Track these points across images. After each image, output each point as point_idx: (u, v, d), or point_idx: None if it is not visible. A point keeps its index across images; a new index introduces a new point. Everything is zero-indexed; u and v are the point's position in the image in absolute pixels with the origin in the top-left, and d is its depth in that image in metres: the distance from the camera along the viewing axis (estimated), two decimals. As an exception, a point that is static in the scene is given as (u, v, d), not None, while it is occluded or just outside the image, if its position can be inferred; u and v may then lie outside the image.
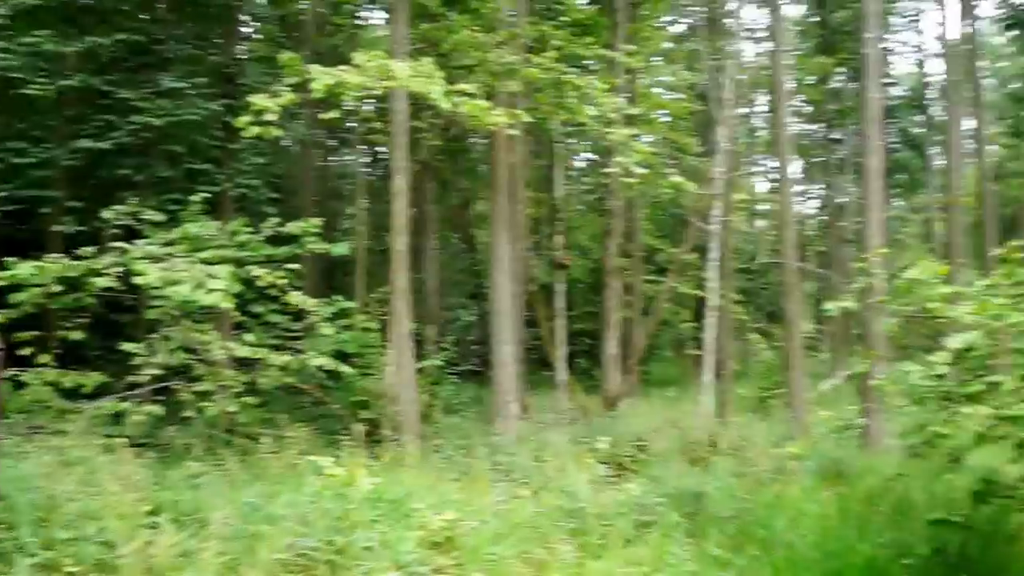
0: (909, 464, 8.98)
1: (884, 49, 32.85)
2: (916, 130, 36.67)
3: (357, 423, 11.74)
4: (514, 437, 13.20)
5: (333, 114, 12.37)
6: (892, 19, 34.94)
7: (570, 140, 24.00)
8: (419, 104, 13.74)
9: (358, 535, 7.24)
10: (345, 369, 12.58)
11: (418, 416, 13.20)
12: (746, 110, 31.33)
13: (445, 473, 10.58)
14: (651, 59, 22.56)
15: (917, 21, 35.38)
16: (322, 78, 10.74)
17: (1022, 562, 7.89)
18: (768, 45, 23.96)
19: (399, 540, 7.27)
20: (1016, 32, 37.05)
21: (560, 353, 18.47)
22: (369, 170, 25.18)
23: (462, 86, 11.27)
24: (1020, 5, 34.80)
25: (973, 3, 26.52)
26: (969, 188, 29.08)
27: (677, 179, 16.28)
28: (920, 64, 35.62)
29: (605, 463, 11.04)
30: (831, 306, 8.64)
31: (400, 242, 13.30)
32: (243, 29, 21.19)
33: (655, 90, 23.97)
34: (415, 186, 16.39)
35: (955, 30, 27.62)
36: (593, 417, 16.07)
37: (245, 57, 20.26)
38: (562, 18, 17.44)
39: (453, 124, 16.77)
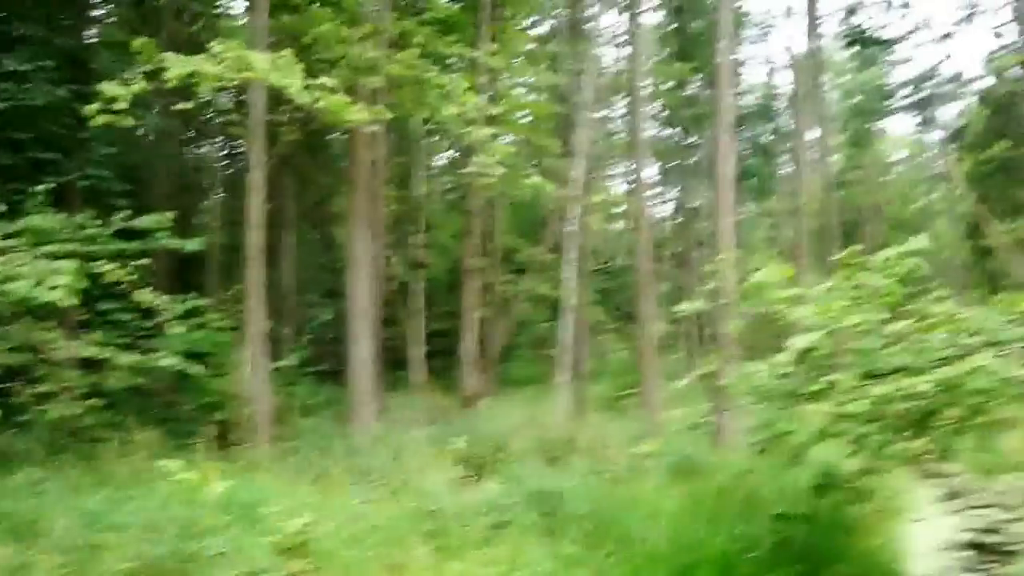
0: (756, 460, 9.31)
1: (737, 59, 34.00)
2: (765, 138, 38.03)
3: (209, 425, 11.44)
4: (371, 438, 13.07)
5: (188, 104, 12.02)
6: (745, 31, 36.20)
7: (431, 138, 23.96)
8: (278, 97, 13.47)
9: (209, 541, 7.06)
10: (197, 369, 12.18)
11: (273, 417, 12.97)
12: (605, 113, 31.86)
13: (300, 476, 10.44)
14: (513, 60, 22.65)
15: (768, 35, 36.76)
16: (177, 66, 10.43)
17: (859, 550, 8.32)
18: (627, 50, 24.49)
19: (252, 546, 7.12)
20: (857, 49, 38.97)
21: (418, 352, 18.44)
22: (225, 163, 24.52)
23: (322, 80, 11.12)
24: (861, 24, 36.62)
25: (819, 20, 27.74)
26: (814, 195, 30.35)
27: (537, 180, 16.46)
28: (770, 75, 37.03)
29: (463, 463, 11.06)
30: (684, 307, 8.90)
31: (256, 238, 13.03)
32: (95, 12, 20.34)
33: (517, 91, 24.13)
34: (272, 181, 15.99)
35: (802, 45, 28.76)
36: (451, 417, 16.07)
37: (97, 41, 19.43)
38: (426, 15, 17.36)
39: (312, 119, 16.48)
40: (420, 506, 8.98)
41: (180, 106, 12.46)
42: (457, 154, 26.24)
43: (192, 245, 12.99)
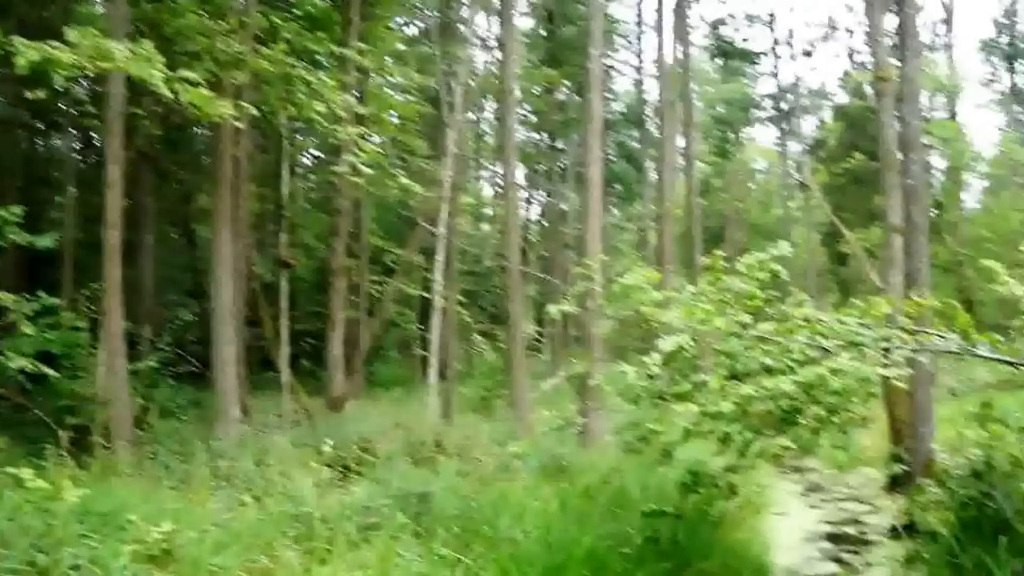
0: (625, 459, 9.47)
1: (607, 66, 34.65)
2: (633, 145, 38.86)
3: (63, 430, 10.94)
4: (236, 441, 12.76)
5: (41, 93, 11.49)
6: (615, 39, 36.91)
7: (298, 136, 23.58)
8: (138, 89, 13.04)
9: (65, 553, 6.72)
10: (50, 372, 11.64)
11: (132, 421, 12.52)
12: (475, 115, 31.98)
13: (162, 481, 10.12)
14: (383, 59, 22.50)
15: (638, 43, 37.55)
16: (28, 53, 9.94)
17: (725, 544, 8.57)
18: (498, 54, 24.62)
19: (112, 555, 6.83)
20: (722, 61, 40.27)
21: (284, 354, 18.05)
22: (81, 157, 23.57)
23: (185, 73, 10.79)
24: (727, 37, 37.82)
25: (687, 31, 28.47)
26: (679, 201, 31.14)
27: (405, 181, 16.41)
28: (638, 83, 37.78)
29: (330, 466, 10.90)
30: (552, 309, 8.99)
31: (113, 236, 12.57)
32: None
33: (386, 91, 23.98)
34: (131, 176, 15.50)
35: (670, 55, 29.45)
36: (318, 419, 15.83)
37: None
38: (294, 10, 17.09)
39: (174, 113, 15.99)
40: (287, 510, 8.81)
41: (31, 95, 11.92)
42: (324, 153, 25.98)
43: (44, 241, 12.40)
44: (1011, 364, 7.79)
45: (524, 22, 34.18)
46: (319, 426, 14.55)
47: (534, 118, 33.94)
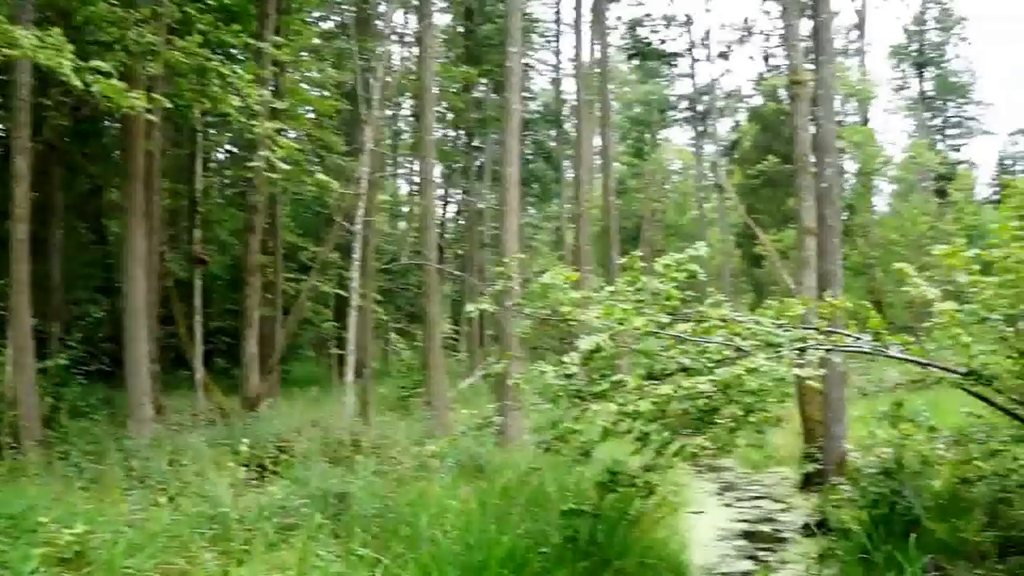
0: (543, 458, 9.54)
1: (525, 65, 34.77)
2: (550, 144, 39.06)
3: (-33, 431, 10.65)
4: (149, 441, 12.51)
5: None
6: (534, 37, 37.04)
7: (212, 130, 23.18)
8: (46, 79, 12.71)
9: (-31, 557, 6.58)
10: (-48, 371, 11.34)
11: (41, 421, 12.23)
12: (392, 112, 31.83)
13: (73, 482, 9.88)
14: (300, 54, 22.25)
15: (556, 42, 37.70)
16: (-75, 39, 9.63)
17: (643, 543, 8.71)
18: (416, 50, 24.56)
19: (21, 559, 6.68)
20: (639, 61, 40.75)
21: (198, 352, 17.79)
22: (-16, 148, 22.85)
23: (97, 63, 10.54)
24: (645, 38, 38.26)
25: (605, 31, 28.73)
26: (596, 201, 31.45)
27: (321, 177, 16.27)
28: (556, 83, 37.95)
29: (246, 466, 10.78)
30: (470, 307, 9.02)
31: (21, 230, 12.27)
32: None
33: (302, 86, 23.73)
34: (39, 169, 15.11)
35: (588, 54, 29.70)
36: (233, 418, 15.62)
37: None
38: (209, 2, 16.78)
39: (84, 104, 15.60)
40: (203, 511, 8.70)
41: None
42: (239, 148, 25.59)
43: (-53, 236, 12.07)
44: (921, 364, 8.07)
45: (442, 18, 34.17)
46: (235, 425, 14.33)
47: (451, 115, 33.89)
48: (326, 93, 24.29)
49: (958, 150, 64.15)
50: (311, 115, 22.56)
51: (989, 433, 8.35)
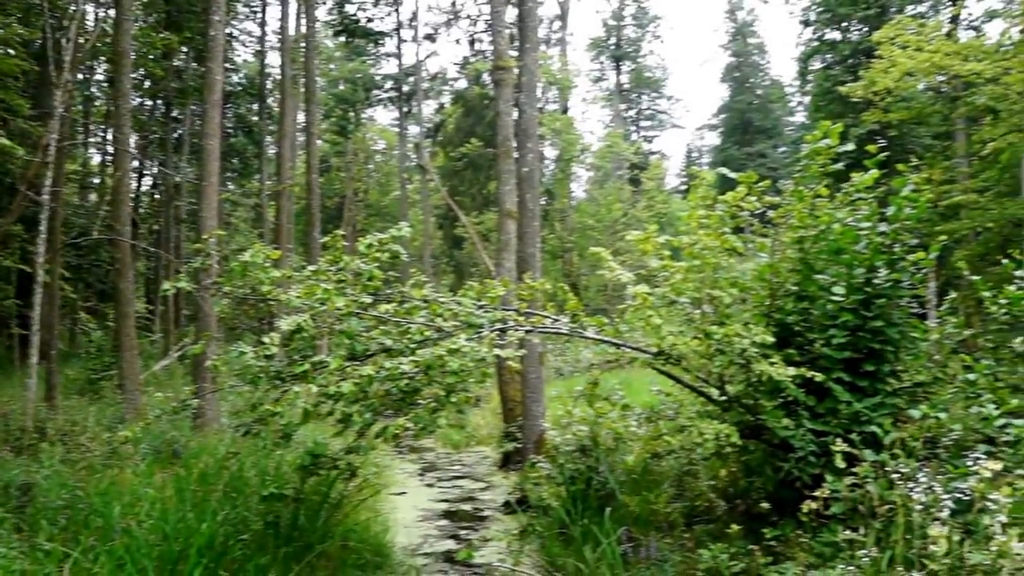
0: (243, 442, 9.27)
1: (229, 35, 33.54)
2: (252, 118, 37.98)
3: None
4: None
5: None
6: (238, 7, 35.77)
7: None
8: None
9: None
10: None
11: None
12: (84, 76, 29.71)
13: None
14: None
15: (261, 13, 36.56)
16: None
17: (346, 526, 8.65)
18: (112, 12, 23.04)
19: None
20: (346, 38, 40.35)
21: None
22: None
23: None
24: (352, 14, 37.89)
25: (312, 5, 28.18)
26: (298, 178, 30.88)
27: (5, 142, 15.09)
28: (261, 55, 36.85)
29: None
30: (166, 285, 8.56)
31: None
32: None
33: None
34: None
35: (294, 28, 29.07)
36: None
37: None
38: None
39: None
40: None
41: None
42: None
43: None
44: (615, 345, 8.51)
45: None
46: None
47: (149, 83, 32.13)
48: (11, 51, 22.31)
49: (651, 141, 69.00)
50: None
51: (677, 410, 8.83)
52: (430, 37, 43.74)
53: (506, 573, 8.74)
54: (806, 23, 35.70)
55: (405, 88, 46.01)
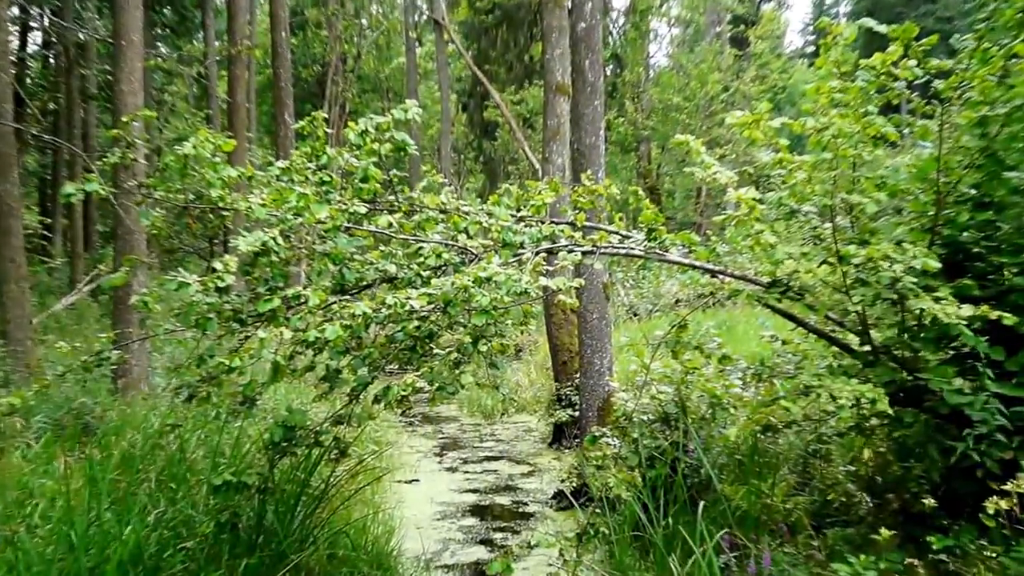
0: (185, 410, 9.36)
1: None
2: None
3: None
4: None
5: None
6: None
7: None
8: None
9: None
10: None
11: None
12: None
13: None
14: None
15: None
16: None
17: (332, 527, 8.73)
18: None
19: None
20: None
21: None
22: None
23: None
24: None
25: None
26: (259, 37, 30.80)
27: None
28: None
29: None
30: (70, 188, 8.61)
31: None
32: None
33: None
34: None
35: None
36: None
37: None
38: None
39: None
40: None
41: None
42: None
43: None
44: (710, 272, 8.43)
45: None
46: None
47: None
48: None
49: (763, -15, 67.79)
50: None
51: (799, 364, 8.75)
52: None
53: (559, 595, 8.84)
54: None
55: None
